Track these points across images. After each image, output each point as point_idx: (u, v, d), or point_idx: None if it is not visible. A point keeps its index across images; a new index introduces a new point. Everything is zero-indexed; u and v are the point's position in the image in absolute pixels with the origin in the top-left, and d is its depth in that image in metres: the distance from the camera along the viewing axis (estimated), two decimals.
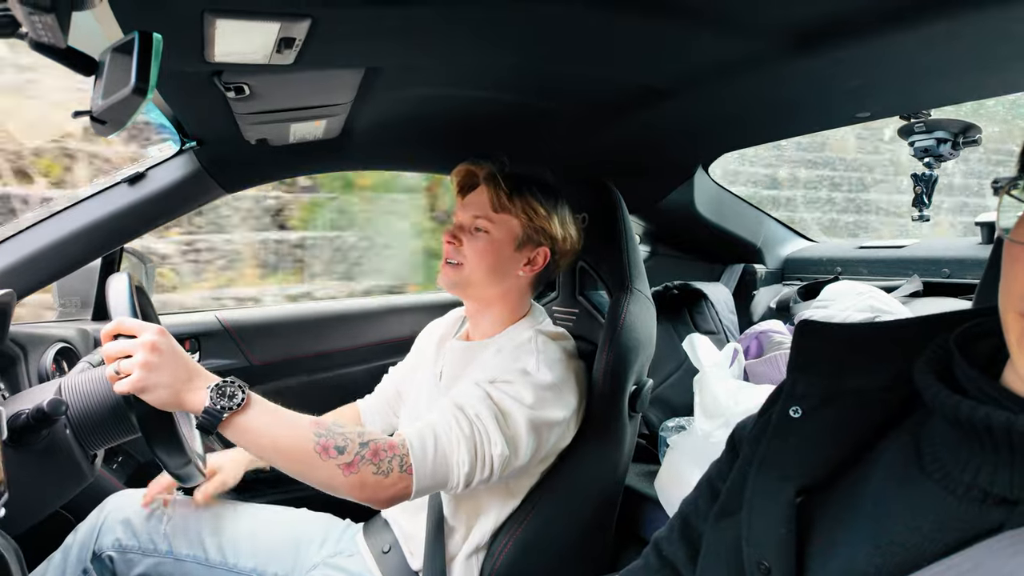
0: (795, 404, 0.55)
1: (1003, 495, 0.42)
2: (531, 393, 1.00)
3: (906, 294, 1.53)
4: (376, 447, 0.89)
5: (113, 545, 1.10)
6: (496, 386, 1.00)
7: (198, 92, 0.94)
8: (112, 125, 0.62)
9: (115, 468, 1.43)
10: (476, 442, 0.95)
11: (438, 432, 0.95)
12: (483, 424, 0.95)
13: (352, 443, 0.88)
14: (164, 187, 1.27)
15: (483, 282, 1.13)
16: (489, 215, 1.12)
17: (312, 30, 0.74)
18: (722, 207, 1.91)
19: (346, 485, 0.88)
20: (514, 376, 1.01)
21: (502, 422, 0.96)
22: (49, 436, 0.87)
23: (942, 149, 1.35)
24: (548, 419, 1.01)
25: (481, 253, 1.11)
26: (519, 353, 1.06)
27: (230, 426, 0.86)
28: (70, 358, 1.31)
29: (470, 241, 1.12)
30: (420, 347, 1.33)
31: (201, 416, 0.84)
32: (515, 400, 0.99)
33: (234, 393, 0.85)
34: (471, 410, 0.96)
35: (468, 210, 1.13)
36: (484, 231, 1.12)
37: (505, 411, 0.98)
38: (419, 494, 0.93)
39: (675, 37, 0.91)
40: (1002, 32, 0.82)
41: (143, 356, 0.82)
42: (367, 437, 0.90)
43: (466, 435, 0.94)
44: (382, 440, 0.91)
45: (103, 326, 0.87)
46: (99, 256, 1.35)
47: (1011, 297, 0.43)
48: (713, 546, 0.60)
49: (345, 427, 0.91)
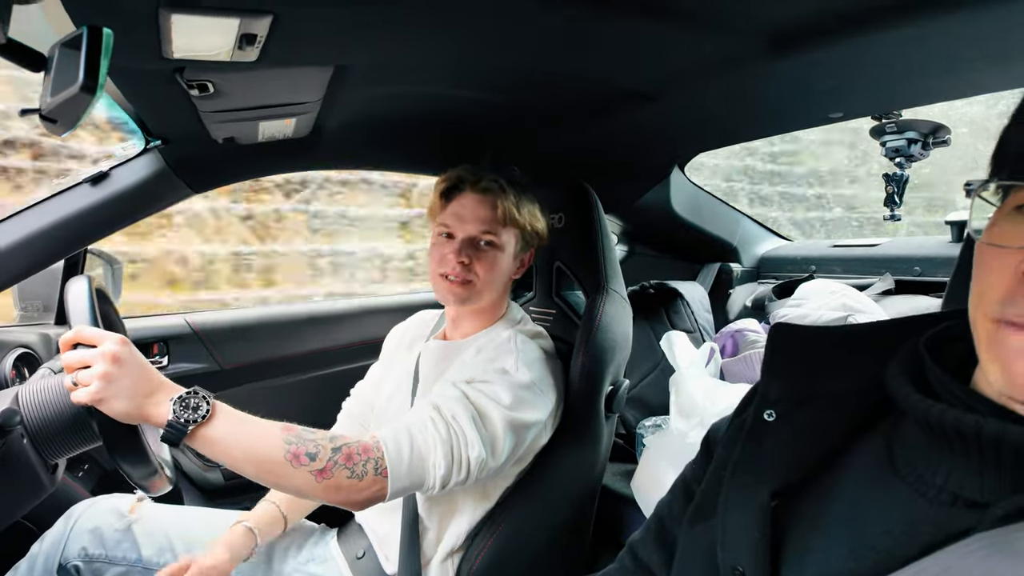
0: (769, 408, 0.55)
1: (973, 499, 0.43)
2: (509, 393, 0.98)
3: (878, 292, 1.55)
4: (349, 451, 0.88)
5: (80, 554, 1.07)
6: (474, 386, 0.98)
7: (160, 90, 0.91)
8: (63, 124, 0.60)
9: (80, 476, 1.39)
10: (453, 444, 0.93)
11: (413, 434, 0.93)
12: (460, 425, 0.94)
13: (324, 449, 0.86)
14: (128, 187, 1.23)
15: (490, 294, 1.12)
16: (497, 229, 1.10)
17: (274, 26, 0.72)
18: (698, 206, 1.92)
19: (320, 491, 0.86)
20: (492, 376, 1.00)
21: (479, 423, 0.95)
22: (4, 447, 0.83)
23: (913, 149, 1.37)
24: (526, 420, 1.00)
25: (491, 268, 1.10)
26: (498, 353, 1.05)
27: (196, 439, 0.83)
28: (31, 364, 1.26)
29: (479, 257, 1.09)
30: (388, 353, 1.31)
31: (164, 430, 0.81)
32: (492, 400, 0.97)
33: (198, 405, 0.83)
34: (447, 411, 0.95)
35: (469, 223, 1.09)
36: (494, 246, 1.10)
37: (482, 412, 0.96)
38: (394, 496, 0.91)
39: (652, 38, 0.91)
40: (969, 36, 0.83)
41: (103, 367, 0.79)
42: (339, 442, 0.88)
43: (442, 437, 0.93)
44: (355, 444, 0.89)
45: (65, 331, 0.85)
46: (61, 258, 1.31)
47: (982, 301, 0.43)
48: (688, 550, 0.59)
49: (316, 432, 0.89)
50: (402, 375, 1.21)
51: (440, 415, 0.94)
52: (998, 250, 0.42)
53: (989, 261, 0.43)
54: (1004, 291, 0.41)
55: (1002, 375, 0.42)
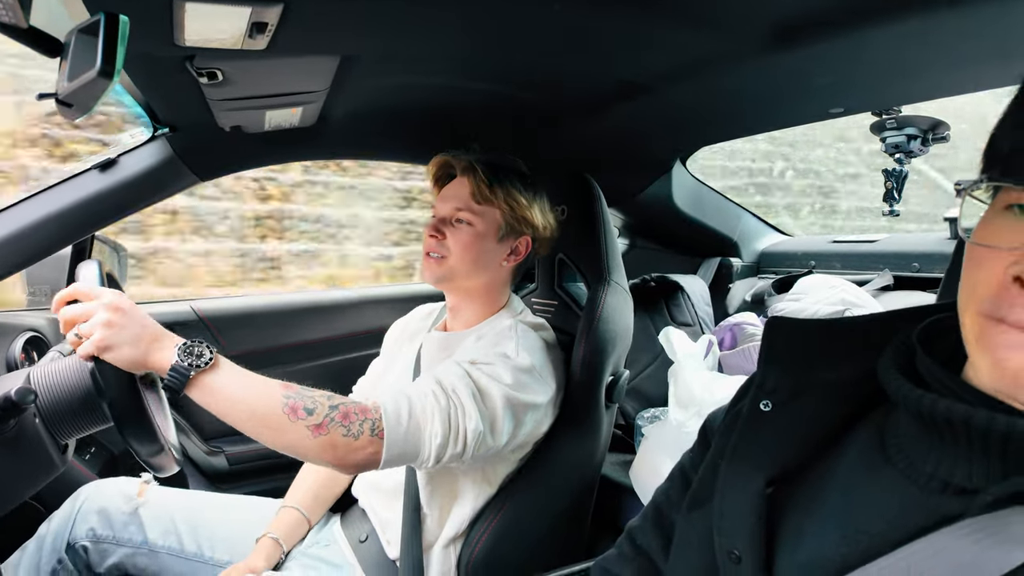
0: (765, 398, 0.56)
1: (963, 485, 0.44)
2: (510, 374, 0.99)
3: (877, 288, 1.56)
4: (346, 410, 0.88)
5: (87, 535, 1.09)
6: (476, 366, 0.99)
7: (170, 77, 0.92)
8: (78, 108, 0.61)
9: (87, 459, 1.41)
10: (451, 415, 0.93)
11: (413, 401, 0.93)
12: (459, 398, 0.94)
13: (322, 405, 0.87)
14: (136, 174, 1.24)
15: (468, 274, 1.12)
16: (471, 207, 1.11)
17: (285, 15, 0.73)
18: (700, 201, 1.93)
19: (315, 447, 0.86)
20: (494, 358, 1.01)
21: (479, 399, 0.96)
22: (17, 426, 0.85)
23: (912, 145, 1.37)
24: (525, 401, 1.01)
25: (465, 245, 1.10)
26: (499, 339, 1.06)
27: (197, 386, 0.84)
28: (40, 347, 1.28)
29: (453, 234, 1.11)
30: (388, 347, 1.32)
31: (168, 375, 0.82)
32: (493, 379, 0.98)
33: (202, 352, 0.84)
34: (448, 384, 0.96)
35: (449, 202, 1.13)
36: (467, 223, 1.11)
37: (483, 388, 0.97)
38: (389, 463, 0.91)
39: (653, 31, 0.91)
40: (969, 31, 0.84)
41: (105, 315, 0.80)
42: (337, 400, 0.89)
43: (441, 407, 0.93)
44: (353, 404, 0.90)
45: None
46: (69, 244, 1.32)
47: (971, 298, 0.44)
48: (685, 535, 0.60)
49: (315, 391, 0.89)
50: (404, 367, 1.22)
51: (441, 387, 0.95)
52: (988, 250, 0.43)
53: (979, 260, 0.44)
54: (994, 291, 0.42)
55: (992, 370, 0.43)
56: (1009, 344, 0.41)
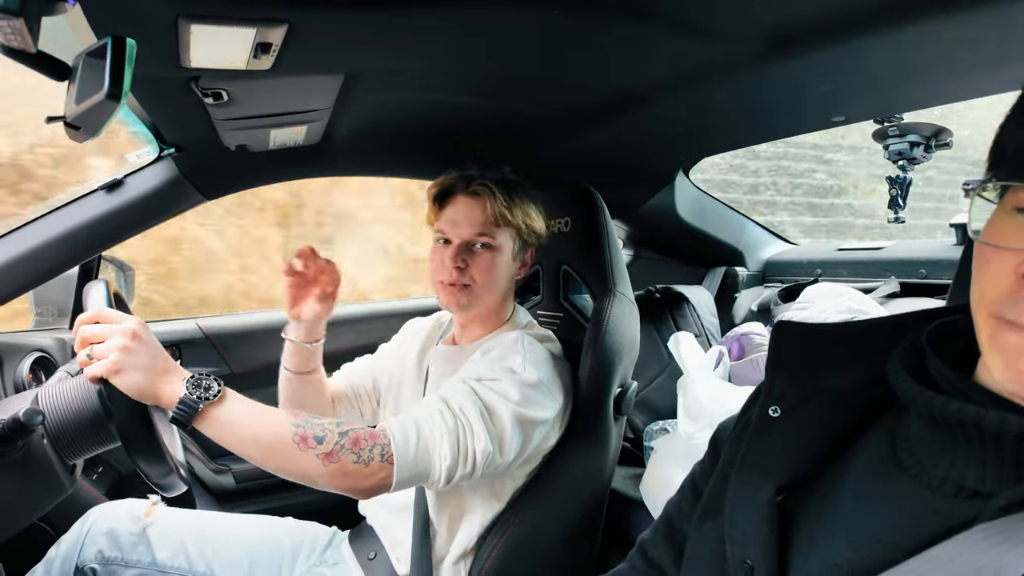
0: (774, 404, 0.56)
1: (976, 488, 0.43)
2: (516, 390, 0.99)
3: (884, 295, 1.55)
4: (356, 436, 0.88)
5: (96, 557, 1.08)
6: (483, 383, 0.99)
7: (175, 98, 0.94)
8: (86, 131, 0.62)
9: (95, 479, 1.41)
10: (459, 436, 0.93)
11: (421, 424, 0.93)
12: (467, 418, 0.94)
13: (331, 433, 0.87)
14: (142, 194, 1.25)
15: (490, 297, 1.12)
16: (491, 231, 1.09)
17: (289, 35, 0.74)
18: (703, 211, 1.93)
19: (326, 475, 0.86)
20: (500, 374, 1.00)
21: (487, 418, 0.95)
22: (25, 447, 0.85)
23: (915, 152, 1.37)
24: (533, 417, 1.00)
25: (488, 271, 1.09)
26: (505, 353, 1.05)
27: (206, 419, 0.84)
28: (47, 368, 1.29)
29: (475, 260, 1.09)
30: (404, 349, 1.30)
31: (176, 408, 0.82)
32: (501, 396, 0.98)
33: (210, 385, 0.84)
34: (455, 404, 0.95)
35: (465, 227, 1.10)
36: (489, 247, 1.10)
37: (490, 407, 0.97)
38: (400, 486, 0.91)
39: (653, 43, 0.92)
40: (967, 38, 0.84)
41: (121, 340, 0.80)
42: (346, 427, 0.89)
43: (449, 428, 0.93)
44: (362, 430, 0.90)
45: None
46: (76, 264, 1.33)
47: (983, 299, 0.44)
48: (697, 547, 0.60)
49: (323, 418, 0.89)
50: (415, 379, 1.22)
51: (448, 407, 0.95)
52: (997, 250, 0.43)
53: (988, 259, 0.44)
54: (1004, 291, 0.42)
55: (1005, 371, 0.42)
56: (1021, 348, 0.41)
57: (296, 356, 1.19)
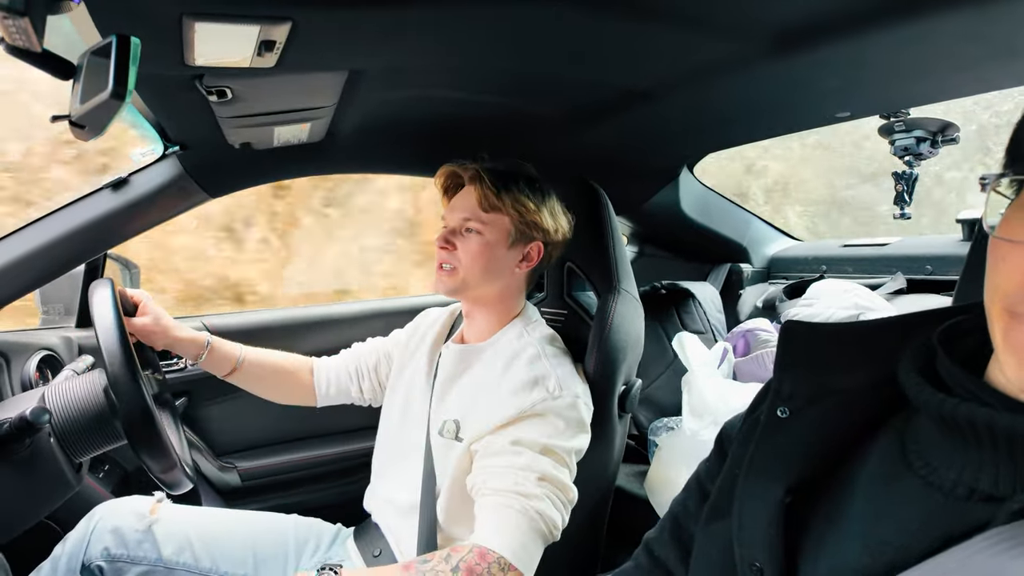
0: (782, 404, 0.55)
1: (989, 492, 0.43)
2: (563, 422, 1.01)
3: (890, 291, 1.55)
4: (468, 565, 0.87)
5: (102, 555, 1.08)
6: (544, 450, 0.98)
7: (180, 96, 0.94)
8: (91, 130, 0.62)
9: (101, 477, 1.41)
10: (542, 528, 0.95)
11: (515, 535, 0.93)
12: (540, 512, 0.95)
13: (443, 573, 0.86)
14: (147, 192, 1.25)
15: (480, 283, 1.12)
16: (479, 215, 1.10)
17: (293, 32, 0.74)
18: (708, 207, 1.93)
19: None
20: (539, 406, 1.01)
21: (554, 499, 0.97)
22: (33, 445, 0.86)
23: (921, 147, 1.37)
24: (580, 446, 1.04)
25: (475, 255, 1.10)
26: (534, 372, 1.04)
27: None
28: (54, 366, 1.29)
29: (463, 244, 1.11)
30: (415, 341, 1.29)
31: None
32: (560, 463, 0.99)
33: None
34: (532, 506, 0.95)
35: (457, 212, 1.12)
36: (476, 232, 1.10)
37: (554, 481, 0.97)
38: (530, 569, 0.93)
39: (657, 39, 0.92)
40: (974, 32, 0.83)
41: None
42: (455, 559, 0.87)
43: (531, 522, 0.94)
44: (470, 555, 0.88)
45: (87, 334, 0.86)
46: (82, 262, 1.33)
47: (997, 293, 0.43)
48: (704, 547, 0.60)
49: (431, 559, 0.88)
50: (424, 374, 1.21)
51: (527, 507, 0.94)
52: (1012, 244, 0.42)
53: (1003, 255, 0.43)
54: (1018, 284, 0.41)
55: (1019, 368, 0.41)
56: None
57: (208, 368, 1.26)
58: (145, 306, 1.16)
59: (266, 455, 1.65)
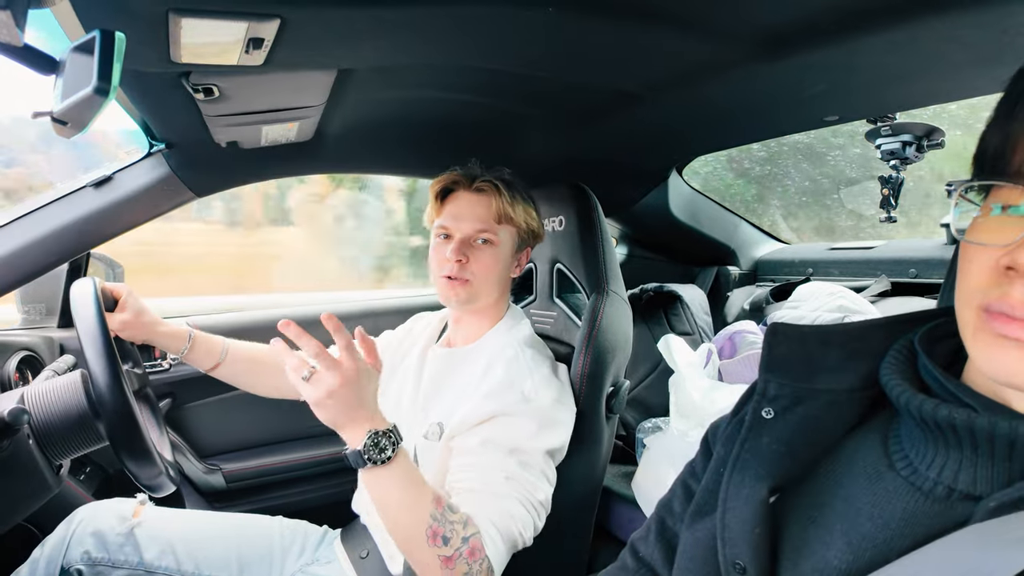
0: (767, 405, 0.56)
1: (968, 490, 0.44)
2: (536, 422, 1.00)
3: (875, 294, 1.56)
4: (474, 545, 0.88)
5: (82, 558, 1.07)
6: (516, 457, 0.98)
7: (166, 94, 0.92)
8: (73, 126, 0.61)
9: (83, 479, 1.39)
10: (514, 536, 0.94)
11: (502, 534, 0.93)
12: (518, 524, 0.95)
13: (456, 535, 0.87)
14: (132, 191, 1.24)
15: (490, 293, 1.13)
16: (493, 227, 1.10)
17: (281, 31, 0.74)
18: (696, 210, 1.94)
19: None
20: (516, 406, 1.01)
21: (530, 506, 0.97)
22: (11, 447, 0.84)
23: (908, 152, 1.38)
24: (558, 445, 1.04)
25: (489, 267, 1.10)
26: (513, 376, 1.05)
27: (368, 474, 0.86)
28: (34, 367, 1.27)
29: (476, 255, 1.10)
30: (407, 344, 1.29)
31: (349, 453, 0.84)
32: (539, 475, 0.99)
33: (385, 447, 0.84)
34: (508, 525, 0.94)
35: (468, 222, 1.10)
36: (490, 243, 1.11)
37: (530, 486, 0.97)
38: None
39: (646, 42, 0.92)
40: (958, 39, 0.84)
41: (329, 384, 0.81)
42: (471, 531, 0.88)
43: (511, 531, 0.94)
44: (474, 537, 0.89)
45: (69, 334, 0.85)
46: (65, 262, 1.31)
47: (966, 292, 0.44)
48: (689, 547, 0.60)
49: (456, 512, 0.89)
50: (412, 377, 1.20)
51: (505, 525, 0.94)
52: (980, 247, 0.43)
53: (972, 257, 0.44)
54: (985, 281, 0.42)
55: (988, 363, 0.43)
56: (1002, 334, 0.41)
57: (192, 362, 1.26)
58: (125, 301, 1.14)
59: (251, 457, 1.63)
